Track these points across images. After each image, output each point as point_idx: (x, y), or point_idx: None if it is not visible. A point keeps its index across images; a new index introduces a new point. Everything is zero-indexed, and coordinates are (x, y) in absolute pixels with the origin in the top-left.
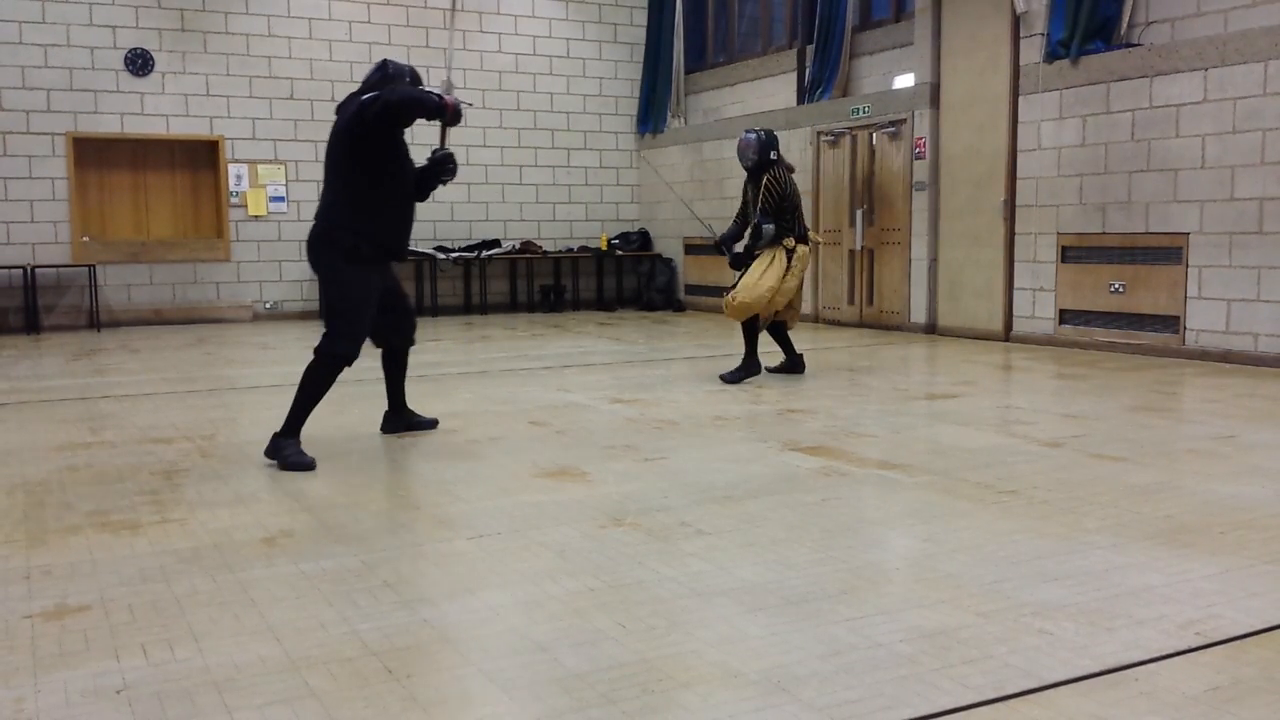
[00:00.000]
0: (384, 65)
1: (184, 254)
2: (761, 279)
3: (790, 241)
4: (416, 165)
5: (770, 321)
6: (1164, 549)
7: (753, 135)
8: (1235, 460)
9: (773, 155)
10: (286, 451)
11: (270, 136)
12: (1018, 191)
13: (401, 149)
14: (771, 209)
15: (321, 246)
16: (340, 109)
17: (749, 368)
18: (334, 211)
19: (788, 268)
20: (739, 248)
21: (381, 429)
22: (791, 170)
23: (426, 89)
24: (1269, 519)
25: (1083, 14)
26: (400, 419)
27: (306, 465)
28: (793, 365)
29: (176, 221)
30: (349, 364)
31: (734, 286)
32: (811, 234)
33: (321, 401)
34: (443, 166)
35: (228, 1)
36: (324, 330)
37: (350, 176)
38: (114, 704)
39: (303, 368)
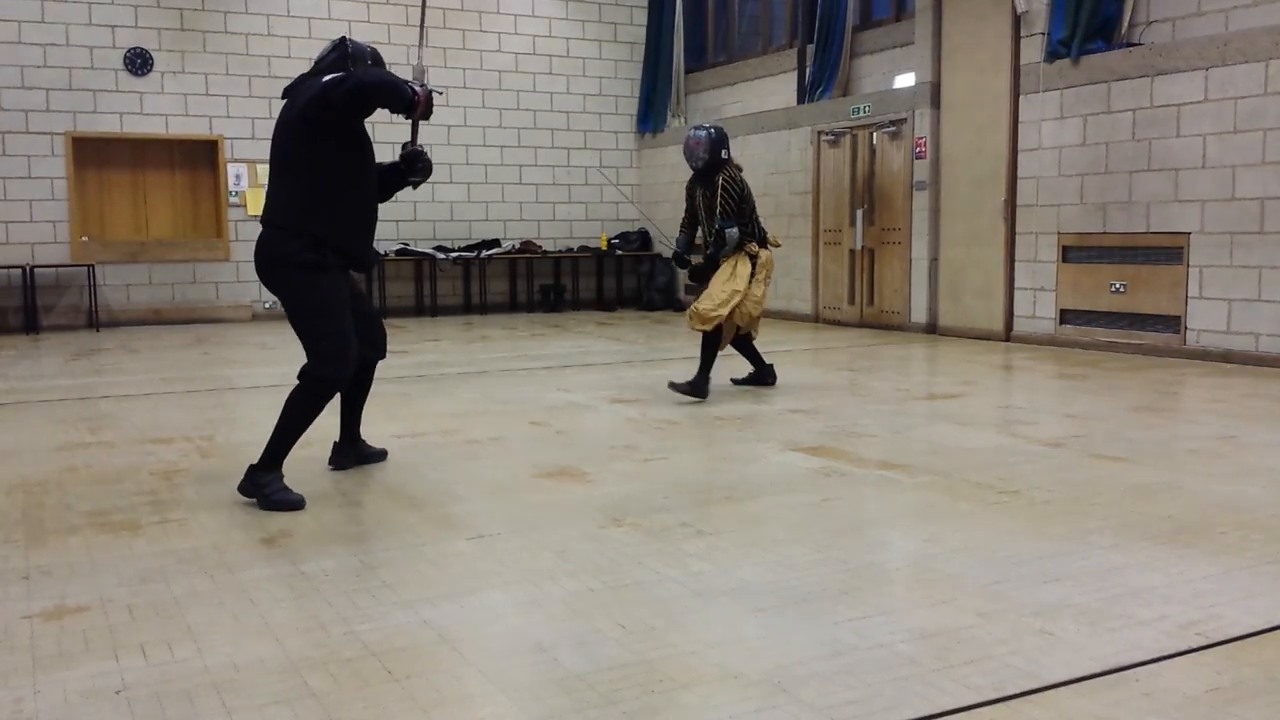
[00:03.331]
0: (342, 43)
1: (183, 254)
2: (725, 284)
3: (754, 247)
4: (382, 163)
5: (733, 337)
6: (1165, 549)
7: (703, 132)
8: (1236, 460)
9: (724, 154)
10: (269, 490)
11: (269, 136)
12: (1018, 191)
13: (365, 141)
14: (732, 211)
15: (273, 260)
16: (290, 91)
17: (699, 385)
18: (285, 213)
19: (751, 274)
20: (696, 257)
21: (330, 463)
22: (740, 170)
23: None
24: (1270, 519)
25: (1083, 13)
26: (354, 451)
27: (294, 504)
28: (762, 376)
29: (176, 221)
30: (341, 387)
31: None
32: (772, 237)
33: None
34: (413, 165)
35: (227, 1)
36: (307, 354)
37: (305, 170)
38: (113, 704)
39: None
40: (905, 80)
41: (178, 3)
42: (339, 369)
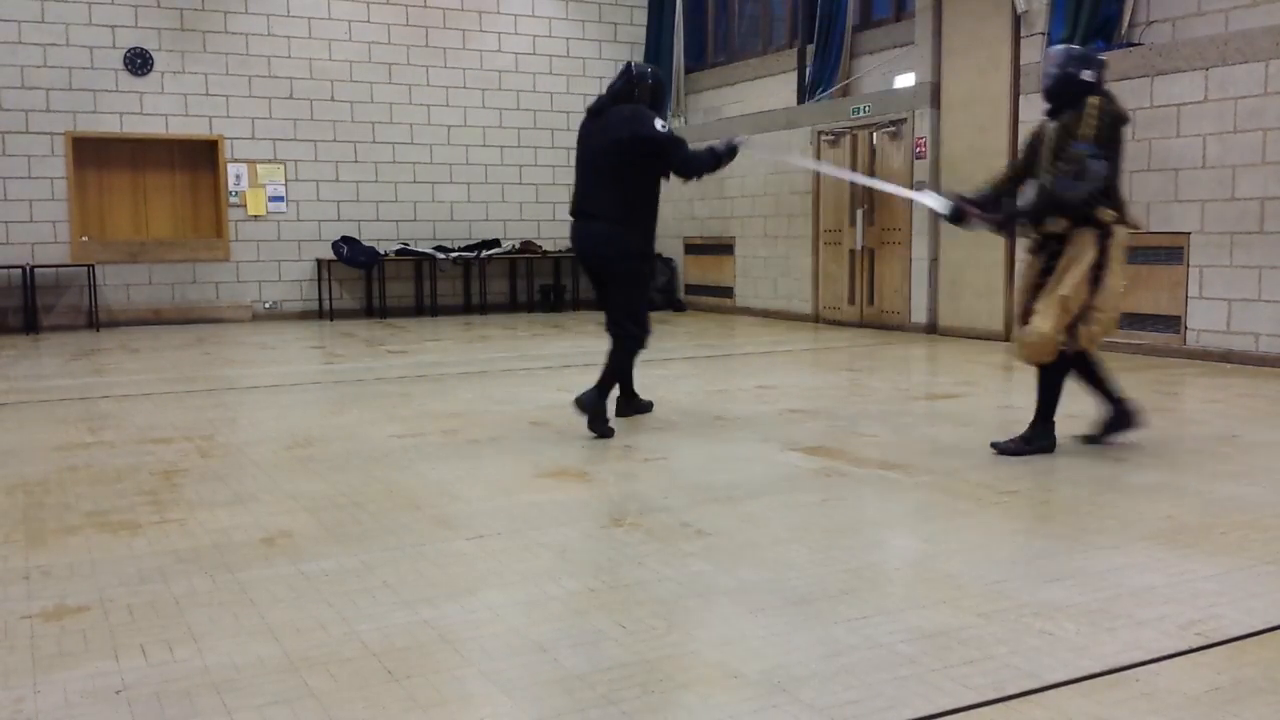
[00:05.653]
0: (627, 70)
1: (183, 254)
2: (1059, 288)
3: (1108, 215)
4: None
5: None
6: (1165, 549)
7: (1059, 46)
8: (1236, 460)
9: (1086, 74)
10: (600, 418)
11: (270, 136)
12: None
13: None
14: (1101, 138)
15: (619, 248)
16: (597, 114)
17: (1040, 438)
18: (626, 215)
19: (1101, 262)
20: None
21: (616, 413)
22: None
23: (711, 147)
24: (1270, 519)
25: (1083, 13)
26: (630, 404)
27: (607, 432)
28: (1120, 419)
29: (176, 221)
30: (649, 336)
31: (1027, 313)
32: (1132, 215)
33: (321, 401)
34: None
35: (227, 1)
36: (620, 320)
37: (632, 183)
38: (113, 704)
39: (301, 367)
40: (905, 80)
41: (178, 3)
42: (646, 330)
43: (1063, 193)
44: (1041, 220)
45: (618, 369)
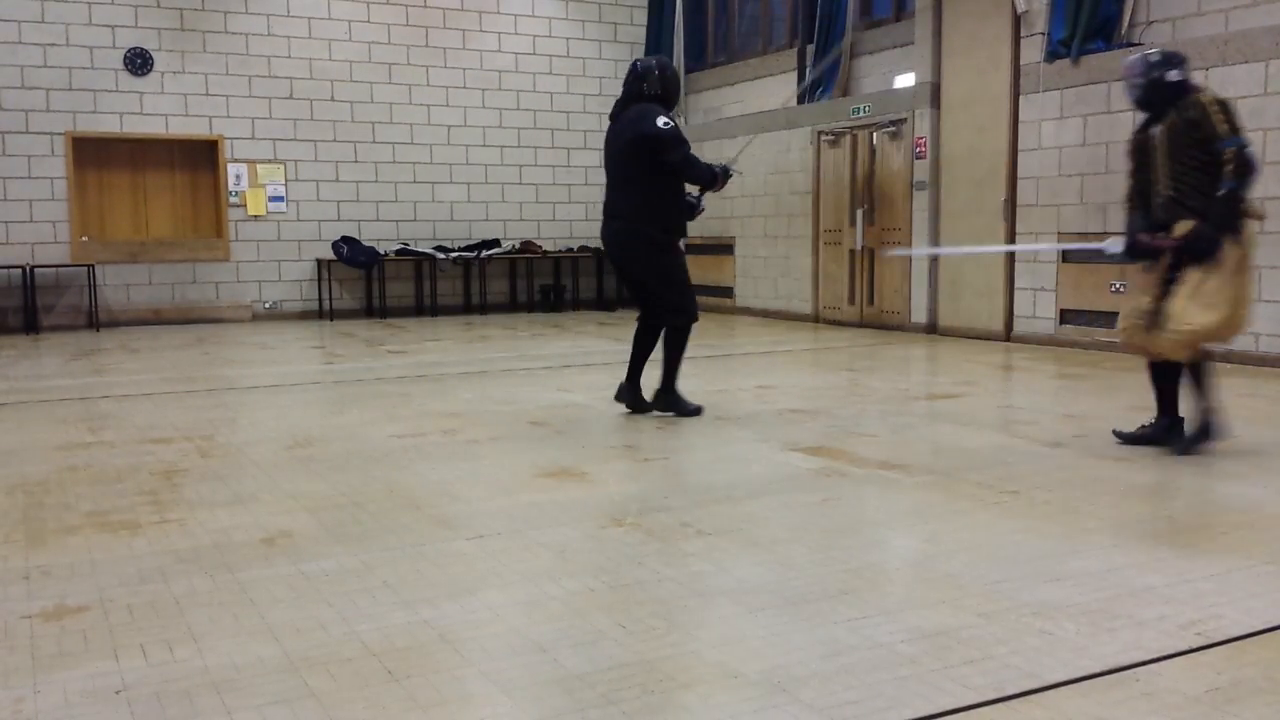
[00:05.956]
0: (633, 69)
1: (183, 254)
2: (1223, 285)
3: (1256, 211)
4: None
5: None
6: (1165, 549)
7: (1136, 55)
8: (1236, 460)
9: (1174, 75)
10: (677, 404)
11: (270, 136)
12: (1018, 191)
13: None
14: (1235, 127)
15: (637, 243)
16: (616, 117)
17: (1209, 430)
18: (640, 211)
19: (1244, 253)
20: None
21: (616, 398)
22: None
23: (711, 165)
24: (1270, 519)
25: (1083, 13)
26: (636, 397)
27: (696, 410)
28: (1166, 433)
29: (176, 221)
30: (696, 320)
31: (1157, 304)
32: (1254, 208)
33: (321, 401)
34: (695, 207)
35: (227, 1)
36: (662, 313)
37: (643, 181)
38: (113, 704)
39: (301, 367)
40: (905, 80)
41: (178, 3)
42: (693, 311)
43: (1243, 191)
44: (1234, 229)
45: (676, 356)
